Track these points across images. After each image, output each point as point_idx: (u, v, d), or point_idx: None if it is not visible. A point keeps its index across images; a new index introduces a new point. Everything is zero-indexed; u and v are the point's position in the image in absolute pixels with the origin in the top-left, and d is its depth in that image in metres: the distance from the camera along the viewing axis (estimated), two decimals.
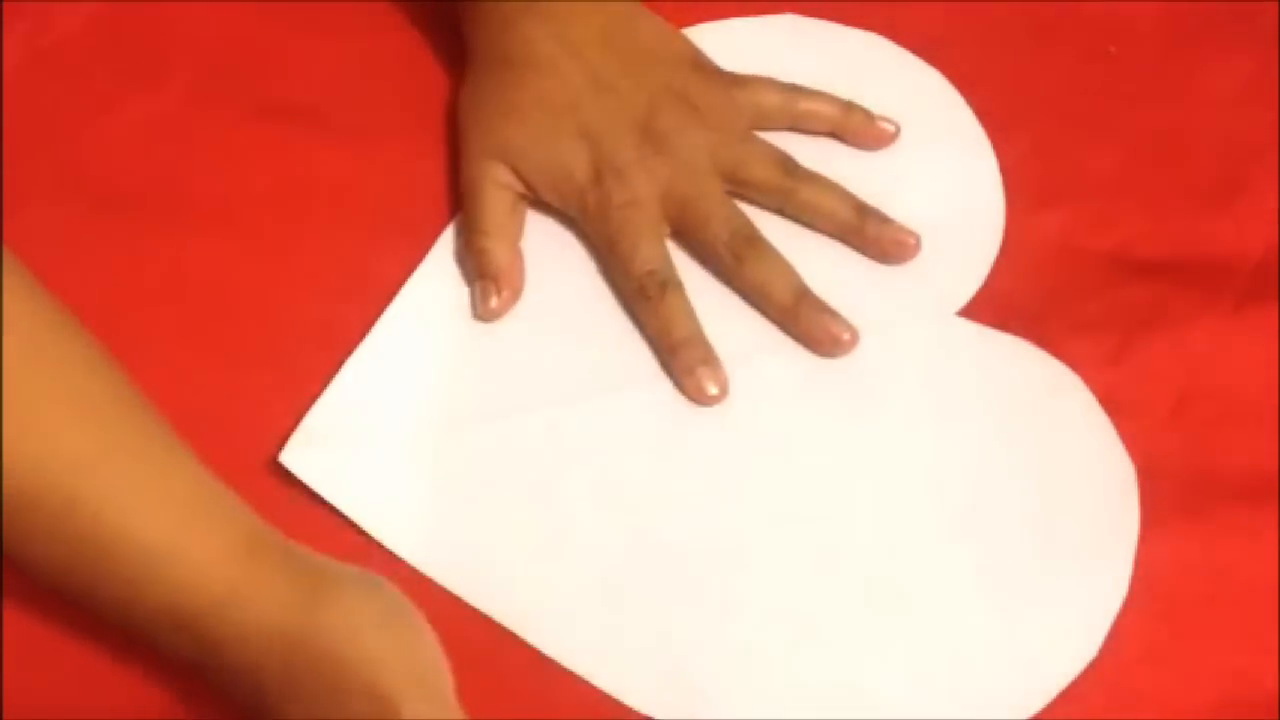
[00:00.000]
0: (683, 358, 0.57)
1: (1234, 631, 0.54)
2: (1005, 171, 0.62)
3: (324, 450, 0.54)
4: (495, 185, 0.59)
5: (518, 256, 0.59)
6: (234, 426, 0.55)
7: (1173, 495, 0.55)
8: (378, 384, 0.56)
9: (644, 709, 0.51)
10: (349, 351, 0.56)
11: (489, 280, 0.58)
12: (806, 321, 0.58)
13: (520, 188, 0.59)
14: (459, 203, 0.60)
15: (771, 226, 0.59)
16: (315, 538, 0.53)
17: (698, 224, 0.59)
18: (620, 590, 0.53)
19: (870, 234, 0.59)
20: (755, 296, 0.58)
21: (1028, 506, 0.55)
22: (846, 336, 0.58)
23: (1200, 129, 0.63)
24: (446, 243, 0.59)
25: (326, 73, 0.63)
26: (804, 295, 0.58)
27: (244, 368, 0.56)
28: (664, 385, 0.57)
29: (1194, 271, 0.60)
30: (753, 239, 0.59)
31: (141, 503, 0.47)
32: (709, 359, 0.57)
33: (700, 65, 0.61)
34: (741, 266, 0.58)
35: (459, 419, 0.56)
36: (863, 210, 0.60)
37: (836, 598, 0.54)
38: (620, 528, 0.54)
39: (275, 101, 0.62)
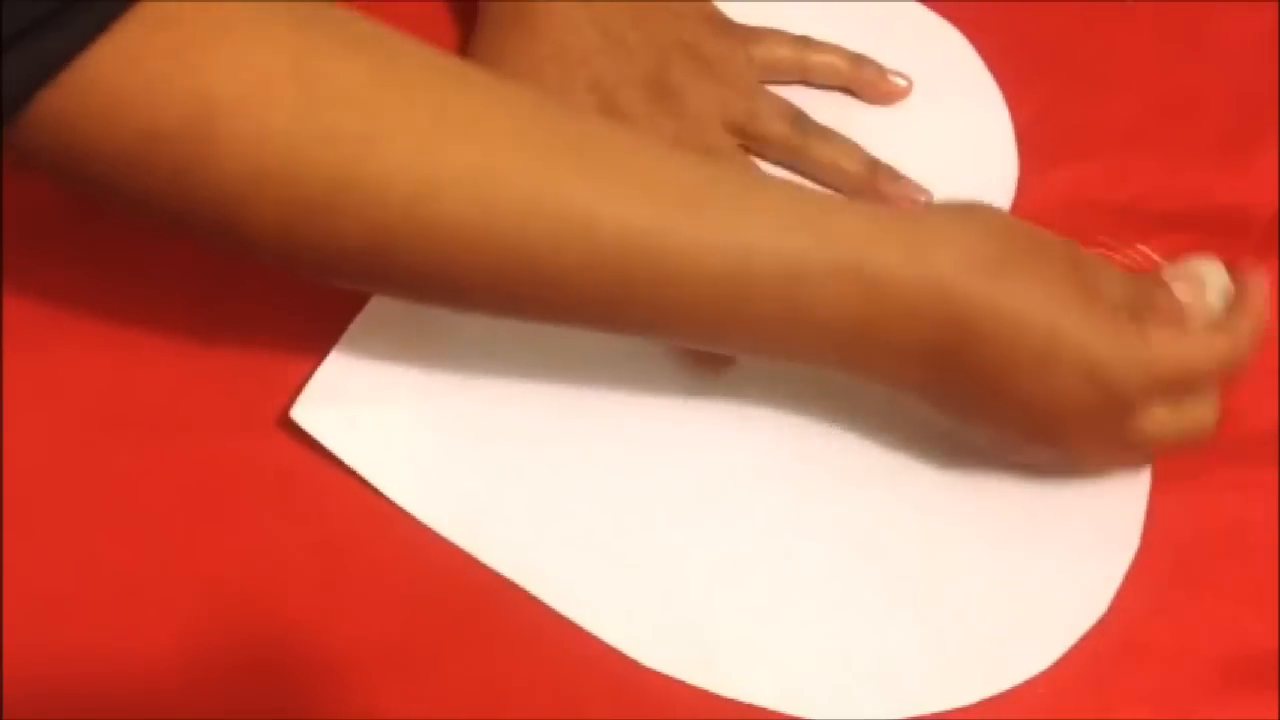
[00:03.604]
0: None
1: (1239, 589, 0.54)
2: (1018, 126, 0.62)
3: (333, 406, 0.54)
4: None
5: None
6: (245, 383, 0.55)
7: (1183, 453, 0.55)
8: (386, 340, 0.56)
9: (650, 663, 0.52)
10: (358, 308, 0.56)
11: None
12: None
13: None
14: None
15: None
16: (324, 493, 0.53)
17: None
18: (627, 544, 0.53)
19: (882, 190, 0.59)
20: None
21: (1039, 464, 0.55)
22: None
23: (1214, 83, 0.63)
24: None
25: None
26: None
27: (255, 323, 0.56)
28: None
29: (1207, 226, 0.60)
30: None
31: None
32: None
33: (712, 18, 0.61)
34: None
35: (467, 374, 0.56)
36: (874, 166, 0.60)
37: (846, 555, 0.54)
38: (628, 481, 0.54)
39: None
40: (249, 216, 0.46)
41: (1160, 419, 0.52)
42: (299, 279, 0.50)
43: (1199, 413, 0.53)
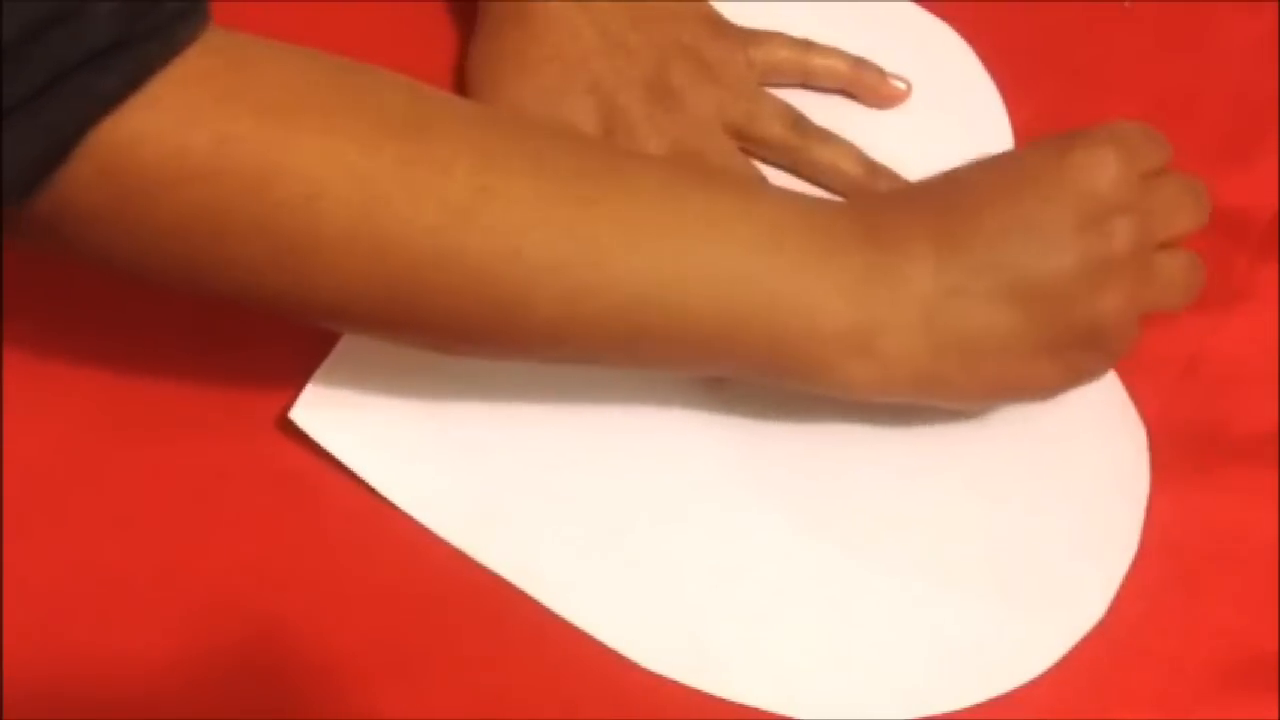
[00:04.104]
0: None
1: (1238, 591, 0.54)
2: (1017, 129, 0.62)
3: (333, 408, 0.54)
4: None
5: None
6: (245, 383, 0.55)
7: (1183, 456, 0.55)
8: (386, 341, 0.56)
9: (649, 664, 0.52)
10: None
11: None
12: None
13: None
14: None
15: (781, 183, 0.59)
16: (324, 494, 0.53)
17: None
18: (626, 545, 0.53)
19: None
20: None
21: (1039, 462, 0.55)
22: None
23: (1214, 84, 0.63)
24: None
25: (334, 32, 0.62)
26: None
27: (254, 324, 0.56)
28: None
29: (1207, 228, 0.59)
30: None
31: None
32: None
33: (712, 20, 0.61)
34: None
35: (467, 375, 0.56)
36: (873, 168, 0.60)
37: (845, 556, 0.54)
38: (628, 482, 0.54)
39: None
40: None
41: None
42: None
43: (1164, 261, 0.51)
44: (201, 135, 0.44)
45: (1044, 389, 0.52)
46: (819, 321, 0.49)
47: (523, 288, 0.47)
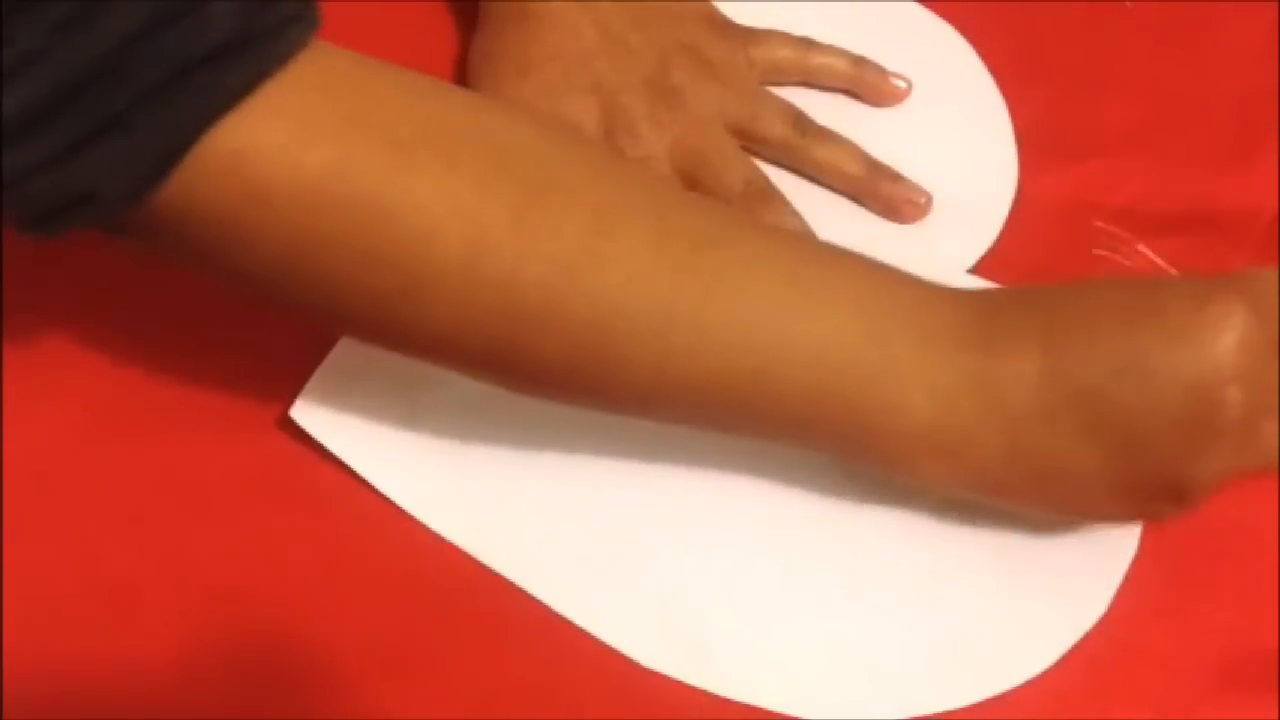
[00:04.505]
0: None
1: (1238, 590, 0.54)
2: (1018, 127, 0.62)
3: (333, 406, 0.54)
4: None
5: None
6: (245, 383, 0.55)
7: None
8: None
9: (649, 663, 0.52)
10: None
11: None
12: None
13: None
14: None
15: (782, 182, 0.59)
16: (324, 493, 0.53)
17: (711, 177, 0.58)
18: (627, 544, 0.53)
19: (881, 191, 0.59)
20: None
21: None
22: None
23: (1215, 85, 0.63)
24: None
25: (335, 30, 0.62)
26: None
27: (255, 323, 0.56)
28: None
29: (1208, 228, 0.60)
30: (765, 191, 0.58)
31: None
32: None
33: (713, 19, 0.61)
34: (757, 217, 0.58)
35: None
36: (874, 167, 0.60)
37: (846, 556, 0.54)
38: (628, 481, 0.54)
39: None
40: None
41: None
42: None
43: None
44: (322, 155, 0.44)
45: (1109, 520, 0.52)
46: (908, 418, 0.48)
47: (621, 346, 0.47)
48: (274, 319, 0.55)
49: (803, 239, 0.56)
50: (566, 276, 0.46)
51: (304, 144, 0.43)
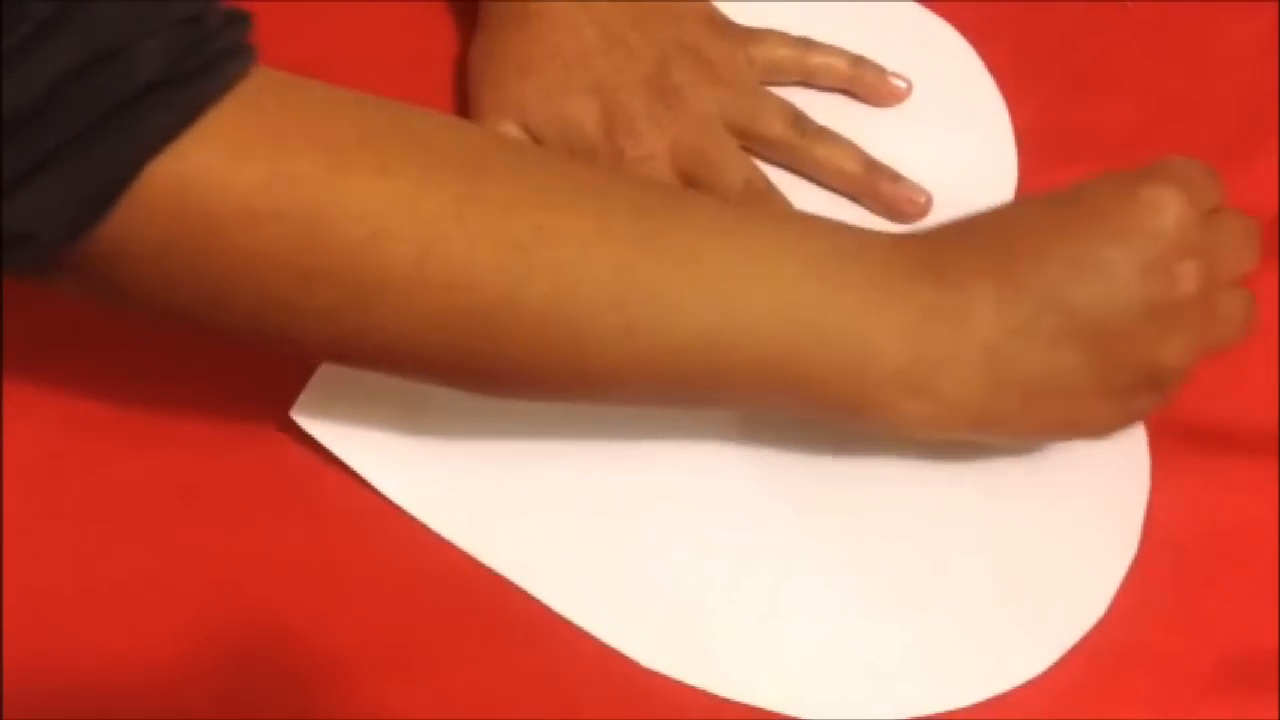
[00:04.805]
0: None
1: (1239, 589, 0.54)
2: (1018, 128, 0.62)
3: (333, 407, 0.54)
4: None
5: None
6: (245, 384, 0.55)
7: (1183, 455, 0.55)
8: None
9: (649, 663, 0.52)
10: None
11: None
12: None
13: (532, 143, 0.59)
14: None
15: (781, 181, 0.59)
16: (324, 493, 0.53)
17: (711, 176, 0.58)
18: (627, 544, 0.53)
19: (881, 191, 0.59)
20: None
21: (1038, 462, 0.55)
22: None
23: (1215, 85, 0.63)
24: None
25: (335, 31, 0.62)
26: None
27: None
28: None
29: None
30: (765, 191, 0.58)
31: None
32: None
33: (712, 19, 0.61)
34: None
35: None
36: (873, 167, 0.60)
37: (845, 555, 0.54)
38: (628, 481, 0.54)
39: (284, 61, 0.61)
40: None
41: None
42: None
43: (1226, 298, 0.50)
44: (255, 171, 0.43)
45: (1100, 429, 0.52)
46: (876, 361, 0.49)
47: (584, 324, 0.47)
48: None
49: (748, 206, 0.57)
50: (519, 258, 0.46)
51: (236, 161, 0.43)
